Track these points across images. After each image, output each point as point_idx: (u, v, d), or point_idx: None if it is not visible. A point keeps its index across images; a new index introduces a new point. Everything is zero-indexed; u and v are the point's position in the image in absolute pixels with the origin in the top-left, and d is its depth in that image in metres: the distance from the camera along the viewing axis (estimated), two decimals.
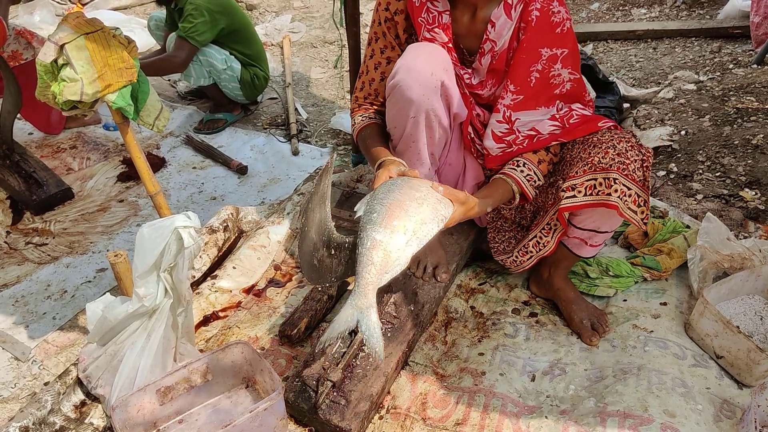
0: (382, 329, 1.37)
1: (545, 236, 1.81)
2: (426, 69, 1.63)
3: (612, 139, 1.62)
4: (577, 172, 1.64)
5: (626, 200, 1.57)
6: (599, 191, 1.59)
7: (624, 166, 1.57)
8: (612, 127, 1.68)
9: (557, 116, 1.71)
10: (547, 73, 1.65)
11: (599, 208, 1.62)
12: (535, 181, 1.72)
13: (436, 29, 1.71)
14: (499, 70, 1.71)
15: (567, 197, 1.64)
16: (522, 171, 1.70)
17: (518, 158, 1.73)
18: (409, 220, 1.41)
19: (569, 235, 1.82)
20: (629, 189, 1.57)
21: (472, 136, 1.83)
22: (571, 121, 1.70)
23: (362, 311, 1.35)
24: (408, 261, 1.41)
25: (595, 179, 1.60)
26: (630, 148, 1.59)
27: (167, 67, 3.41)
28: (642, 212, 1.58)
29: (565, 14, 1.63)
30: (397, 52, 1.85)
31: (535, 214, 1.88)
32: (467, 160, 1.94)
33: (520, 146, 1.72)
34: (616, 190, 1.57)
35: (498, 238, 2.02)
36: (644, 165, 1.59)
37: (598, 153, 1.61)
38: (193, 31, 3.21)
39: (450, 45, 1.71)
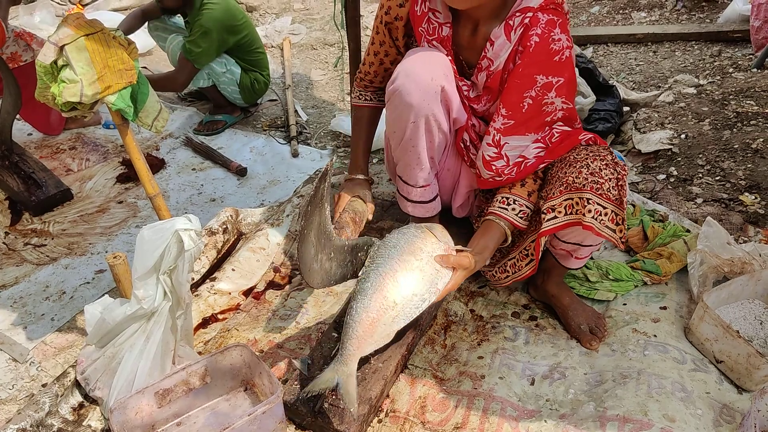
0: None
1: (521, 261, 1.80)
2: (426, 74, 1.62)
3: (587, 158, 1.60)
4: (554, 193, 1.63)
5: (602, 219, 1.56)
6: (577, 210, 1.58)
7: (598, 186, 1.55)
8: (590, 140, 1.66)
9: (539, 138, 1.68)
10: (540, 100, 1.62)
11: (577, 227, 1.61)
12: (527, 215, 1.72)
13: (434, 42, 1.70)
14: (493, 89, 1.70)
15: (548, 219, 1.63)
16: (513, 209, 1.69)
17: (507, 195, 1.71)
18: (399, 296, 1.47)
19: (555, 247, 1.81)
20: (605, 208, 1.55)
21: (468, 144, 1.83)
22: (552, 140, 1.68)
23: (342, 377, 1.46)
24: (393, 335, 1.49)
25: (571, 199, 1.59)
26: (604, 166, 1.58)
27: (168, 87, 3.49)
28: (620, 230, 1.57)
29: (566, 42, 1.58)
30: (394, 50, 1.86)
31: (520, 233, 1.87)
32: (462, 167, 1.94)
33: (510, 175, 1.70)
34: (590, 210, 1.56)
35: None
36: (619, 183, 1.57)
37: (573, 172, 1.59)
38: (199, 55, 3.24)
39: (449, 58, 1.70)
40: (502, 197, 1.72)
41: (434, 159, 1.85)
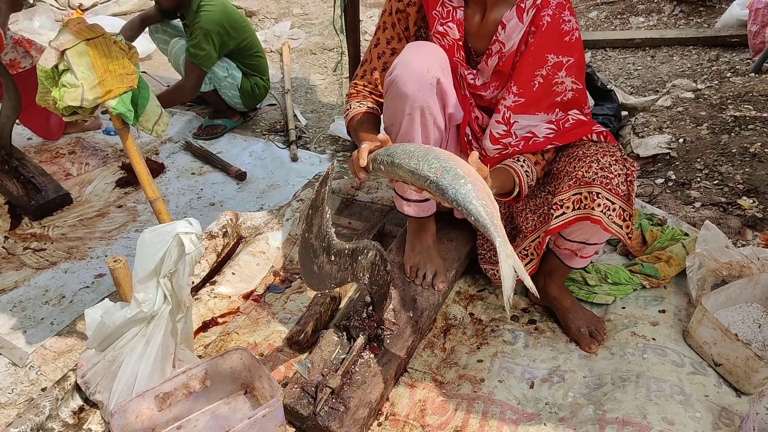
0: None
1: (521, 260, 1.81)
2: (422, 65, 1.63)
3: (596, 153, 1.62)
4: (563, 187, 1.65)
5: (610, 214, 1.58)
6: (585, 205, 1.60)
7: (607, 181, 1.57)
8: (602, 134, 1.68)
9: (553, 120, 1.71)
10: (550, 79, 1.65)
11: (585, 221, 1.62)
12: (531, 180, 1.72)
13: (449, 23, 1.71)
14: (504, 73, 1.72)
15: (556, 216, 1.64)
16: (522, 166, 1.69)
17: (517, 155, 1.73)
18: (476, 172, 1.38)
19: (560, 246, 1.82)
20: (613, 203, 1.57)
21: (470, 138, 1.84)
22: (566, 125, 1.70)
23: (513, 257, 1.30)
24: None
25: (580, 193, 1.61)
26: (614, 162, 1.60)
27: (179, 97, 3.48)
28: (627, 226, 1.59)
29: (575, 24, 1.64)
30: (403, 44, 1.81)
31: (521, 231, 1.87)
32: None
33: (516, 148, 1.72)
34: (599, 205, 1.57)
35: (486, 245, 2.02)
36: (628, 179, 1.59)
37: (582, 167, 1.61)
38: (204, 57, 3.25)
39: (460, 43, 1.72)
40: (513, 157, 1.72)
41: None
